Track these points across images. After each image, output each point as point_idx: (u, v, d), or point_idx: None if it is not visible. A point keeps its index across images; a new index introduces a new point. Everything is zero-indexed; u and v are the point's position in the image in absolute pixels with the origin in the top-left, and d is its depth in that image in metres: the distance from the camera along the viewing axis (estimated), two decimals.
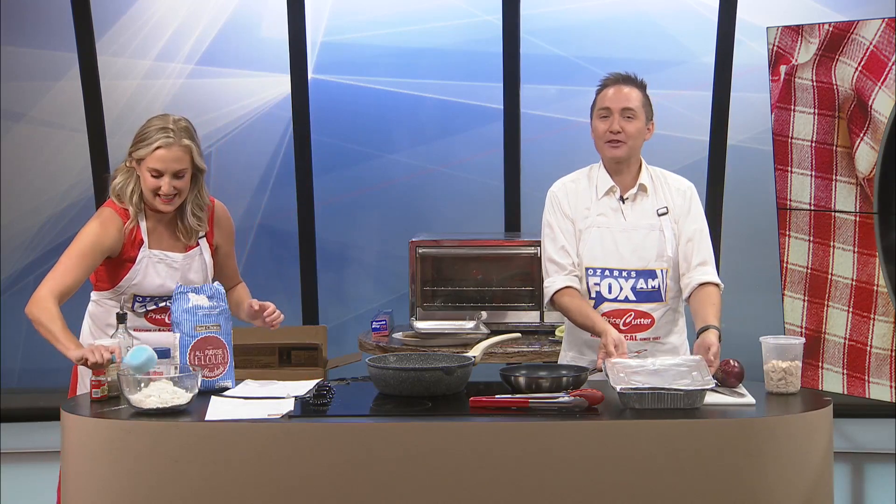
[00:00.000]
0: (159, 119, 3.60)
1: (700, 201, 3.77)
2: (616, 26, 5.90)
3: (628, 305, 3.66)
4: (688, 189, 3.75)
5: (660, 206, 3.69)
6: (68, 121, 6.00)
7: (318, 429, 3.08)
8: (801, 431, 3.04)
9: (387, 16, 5.99)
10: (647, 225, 3.67)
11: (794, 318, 4.93)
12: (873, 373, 4.69)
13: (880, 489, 5.14)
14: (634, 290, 3.66)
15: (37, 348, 6.07)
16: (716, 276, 3.66)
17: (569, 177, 3.80)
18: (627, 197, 3.70)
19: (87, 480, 3.08)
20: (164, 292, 3.62)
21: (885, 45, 4.48)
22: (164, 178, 3.56)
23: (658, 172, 3.77)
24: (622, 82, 3.70)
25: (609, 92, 3.69)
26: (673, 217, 3.69)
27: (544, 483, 2.99)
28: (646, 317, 3.66)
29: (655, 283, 3.66)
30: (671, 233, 3.67)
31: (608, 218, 3.69)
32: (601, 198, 3.70)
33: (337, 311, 6.09)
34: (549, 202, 3.78)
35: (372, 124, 6.05)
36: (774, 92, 4.87)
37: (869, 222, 4.64)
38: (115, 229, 3.59)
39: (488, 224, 5.89)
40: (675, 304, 3.72)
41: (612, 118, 3.64)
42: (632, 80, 3.72)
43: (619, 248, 3.65)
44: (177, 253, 3.66)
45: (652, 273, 3.65)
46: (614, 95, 3.67)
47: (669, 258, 3.66)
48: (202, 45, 5.99)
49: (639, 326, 3.67)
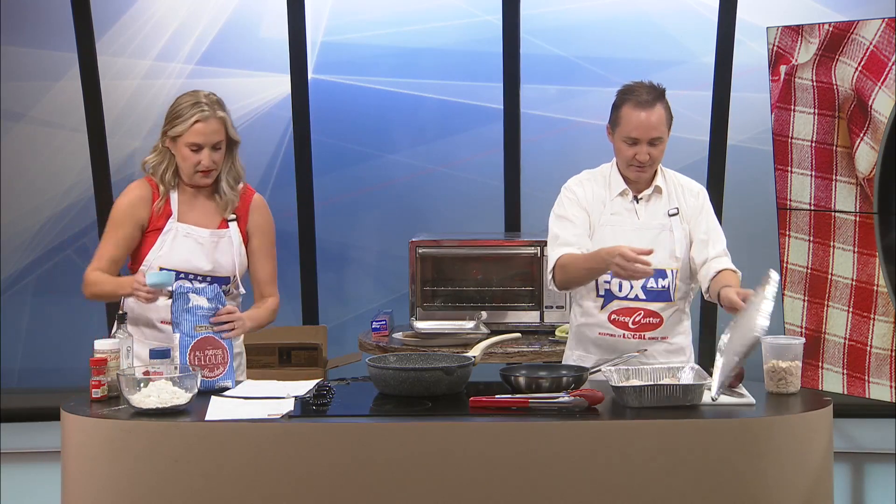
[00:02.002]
0: (189, 96, 3.64)
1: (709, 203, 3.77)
2: (616, 26, 5.90)
3: (638, 304, 3.66)
4: (700, 191, 3.76)
5: (671, 207, 3.69)
6: (68, 121, 5.99)
7: (318, 429, 3.08)
8: (801, 431, 3.04)
9: (387, 16, 5.99)
10: (658, 225, 3.68)
11: (794, 318, 4.93)
12: (873, 373, 4.69)
13: (880, 489, 5.14)
14: (644, 289, 3.65)
15: (37, 348, 6.08)
16: (732, 265, 3.65)
17: (582, 175, 3.78)
18: (642, 197, 3.70)
19: (87, 480, 3.08)
20: (190, 268, 3.63)
21: (885, 45, 4.48)
22: (204, 151, 3.60)
23: (671, 174, 3.76)
24: (650, 105, 3.58)
25: (637, 119, 3.57)
26: (685, 217, 3.69)
27: (544, 483, 2.99)
28: (655, 316, 3.66)
29: (666, 283, 3.66)
30: (681, 233, 3.67)
31: (621, 217, 3.69)
32: (615, 197, 3.70)
33: (337, 311, 6.09)
34: (564, 196, 3.73)
35: (372, 124, 6.04)
36: (774, 92, 4.87)
37: (869, 222, 4.64)
38: (144, 194, 3.66)
39: (488, 224, 5.89)
40: (683, 304, 3.72)
41: (640, 147, 3.60)
42: (655, 98, 3.60)
43: (632, 245, 3.63)
44: (204, 229, 3.67)
45: (662, 273, 3.65)
46: (644, 125, 3.57)
47: (678, 259, 3.66)
48: (202, 45, 5.99)
49: (648, 325, 3.67)
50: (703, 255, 3.66)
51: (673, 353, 3.67)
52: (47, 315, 6.05)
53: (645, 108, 3.58)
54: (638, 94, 3.61)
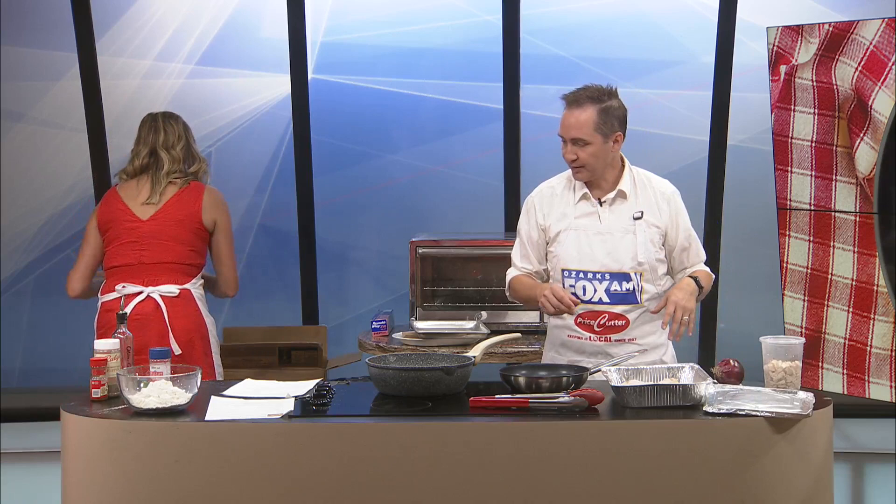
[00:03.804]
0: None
1: (683, 204, 3.79)
2: (616, 26, 5.90)
3: (602, 307, 3.69)
4: (672, 194, 3.77)
5: (636, 211, 3.70)
6: (68, 121, 5.99)
7: (318, 429, 3.08)
8: (801, 431, 3.04)
9: (387, 16, 5.99)
10: (621, 228, 3.70)
11: (794, 318, 4.93)
12: (873, 373, 4.69)
13: (880, 489, 5.14)
14: (608, 293, 3.68)
15: (37, 348, 6.08)
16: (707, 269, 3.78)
17: (549, 181, 3.84)
18: (605, 201, 3.71)
19: (87, 480, 3.08)
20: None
21: (885, 45, 4.48)
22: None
23: (642, 175, 3.77)
24: (575, 105, 3.63)
25: (563, 117, 3.66)
26: (657, 222, 3.71)
27: (544, 483, 2.99)
28: (620, 318, 3.69)
29: (630, 286, 3.68)
30: (644, 237, 3.68)
31: (584, 221, 3.71)
32: (578, 202, 3.73)
33: (337, 311, 6.09)
34: (524, 209, 3.83)
35: (372, 124, 6.04)
36: (774, 92, 4.87)
37: (869, 222, 4.64)
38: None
39: (488, 224, 5.89)
40: (651, 305, 3.72)
41: (567, 146, 3.66)
42: (584, 99, 3.63)
43: (594, 250, 3.67)
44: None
45: (626, 276, 3.68)
46: (565, 123, 3.65)
47: (642, 263, 3.67)
48: (202, 45, 5.99)
49: (613, 328, 3.69)
50: (681, 263, 3.75)
51: (644, 355, 3.69)
52: (47, 315, 6.05)
53: (571, 107, 3.64)
54: (573, 94, 3.66)
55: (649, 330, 3.73)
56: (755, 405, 3.07)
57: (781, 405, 3.07)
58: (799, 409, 3.05)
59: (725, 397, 3.13)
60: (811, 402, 3.09)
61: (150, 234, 4.29)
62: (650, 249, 3.68)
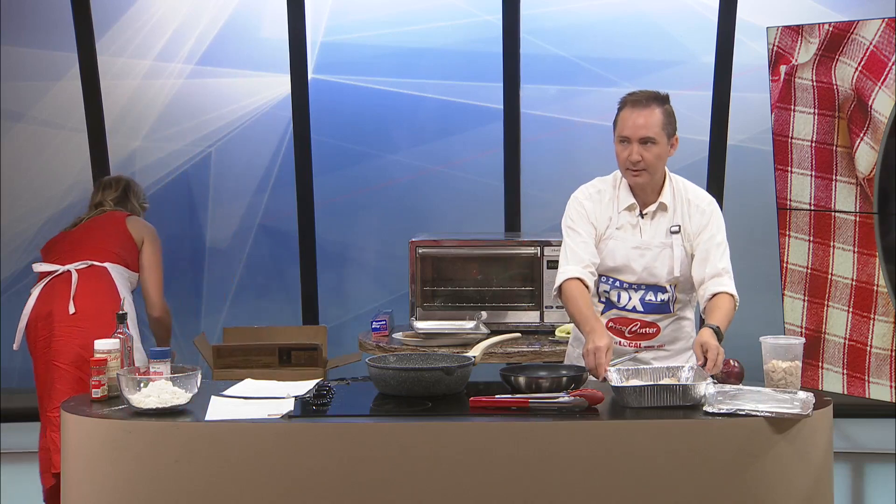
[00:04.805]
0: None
1: (722, 216, 3.72)
2: (616, 26, 5.90)
3: (636, 315, 3.69)
4: (708, 206, 3.71)
5: (673, 225, 3.68)
6: (68, 121, 5.99)
7: (318, 429, 3.08)
8: (801, 431, 3.03)
9: (387, 16, 5.99)
10: (660, 244, 3.67)
11: (794, 318, 4.93)
12: (873, 373, 4.69)
13: (880, 489, 5.14)
14: (643, 302, 3.68)
15: None
16: (731, 287, 3.62)
17: (592, 185, 3.77)
18: (647, 213, 3.69)
19: (87, 480, 3.08)
20: None
21: (885, 45, 4.48)
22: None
23: (682, 187, 3.73)
24: (641, 105, 3.59)
25: (627, 117, 3.59)
26: (688, 233, 3.67)
27: (544, 483, 2.99)
28: (651, 326, 3.68)
29: (665, 297, 3.67)
30: (681, 251, 3.66)
31: (625, 232, 3.69)
32: (621, 211, 3.70)
33: (337, 311, 6.09)
34: (573, 209, 3.73)
35: (372, 124, 6.04)
36: (774, 92, 4.88)
37: (869, 222, 4.64)
38: None
39: (488, 224, 5.89)
40: (684, 311, 3.72)
41: (631, 147, 3.59)
42: (652, 99, 3.61)
43: (632, 263, 3.66)
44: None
45: (662, 288, 3.67)
46: (632, 123, 3.58)
47: (678, 276, 3.66)
48: (202, 45, 5.99)
49: (644, 335, 3.69)
50: (699, 273, 3.65)
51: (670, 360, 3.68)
52: None
53: (637, 107, 3.59)
54: (635, 95, 3.63)
55: (679, 336, 3.73)
56: (755, 405, 3.07)
57: (781, 405, 3.07)
58: (799, 409, 3.05)
59: (725, 397, 3.13)
60: (811, 402, 3.09)
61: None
62: (685, 263, 3.67)
